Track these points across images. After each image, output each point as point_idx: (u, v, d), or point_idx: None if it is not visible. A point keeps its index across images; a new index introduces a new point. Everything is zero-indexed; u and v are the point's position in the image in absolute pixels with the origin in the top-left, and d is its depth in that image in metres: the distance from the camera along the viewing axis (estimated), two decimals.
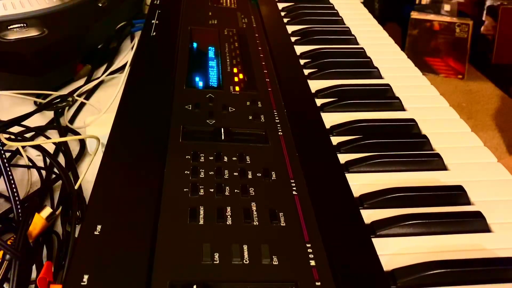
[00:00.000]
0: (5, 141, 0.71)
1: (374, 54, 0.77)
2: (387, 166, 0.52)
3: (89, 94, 0.90)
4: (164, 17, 0.81)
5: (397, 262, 0.40)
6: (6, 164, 0.56)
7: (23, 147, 0.73)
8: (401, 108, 0.63)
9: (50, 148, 0.74)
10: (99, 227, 0.39)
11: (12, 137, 0.76)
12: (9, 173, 0.56)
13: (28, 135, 0.78)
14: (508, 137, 1.64)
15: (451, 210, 0.46)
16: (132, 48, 1.00)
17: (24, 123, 0.81)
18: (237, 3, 0.92)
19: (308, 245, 0.40)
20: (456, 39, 1.91)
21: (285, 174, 0.48)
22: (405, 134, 0.59)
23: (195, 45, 0.73)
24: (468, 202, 0.48)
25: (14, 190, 0.55)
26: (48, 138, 0.78)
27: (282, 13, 0.94)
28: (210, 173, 0.47)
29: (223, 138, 0.52)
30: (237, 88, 0.62)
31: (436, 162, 0.53)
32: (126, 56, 1.02)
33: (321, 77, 0.70)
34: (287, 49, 0.78)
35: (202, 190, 0.44)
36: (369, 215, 0.45)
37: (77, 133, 0.79)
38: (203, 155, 0.49)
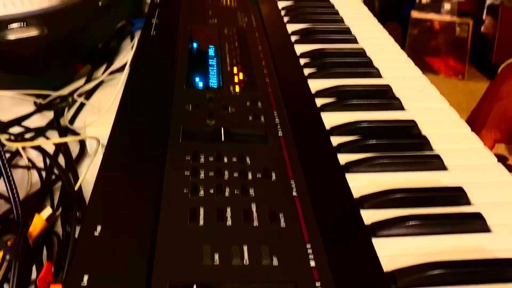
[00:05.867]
0: (5, 142, 0.71)
1: (374, 53, 0.77)
2: (387, 167, 0.52)
3: (89, 94, 0.90)
4: (164, 16, 0.81)
5: (397, 263, 0.40)
6: (6, 165, 0.56)
7: (23, 147, 0.73)
8: (401, 108, 0.63)
9: (50, 148, 0.74)
10: (99, 228, 0.39)
11: (12, 137, 0.76)
12: (9, 173, 0.56)
13: (28, 135, 0.78)
14: None
15: (451, 211, 0.46)
16: (132, 47, 1.00)
17: (24, 123, 0.81)
18: (237, 2, 0.92)
19: (308, 246, 0.40)
20: (456, 38, 1.90)
21: (285, 175, 0.48)
22: (405, 135, 0.58)
23: (195, 44, 0.73)
24: (468, 203, 0.48)
25: (14, 190, 0.55)
26: (48, 138, 0.78)
27: (282, 12, 0.94)
28: (210, 173, 0.47)
29: (223, 138, 0.52)
30: (237, 88, 0.62)
31: (436, 163, 0.53)
32: (126, 55, 1.02)
33: (321, 77, 0.70)
34: (287, 49, 0.78)
35: (202, 191, 0.44)
36: (369, 216, 0.45)
37: (77, 134, 0.79)
38: (203, 155, 0.49)
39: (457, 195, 0.48)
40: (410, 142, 0.56)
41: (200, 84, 0.63)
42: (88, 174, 0.67)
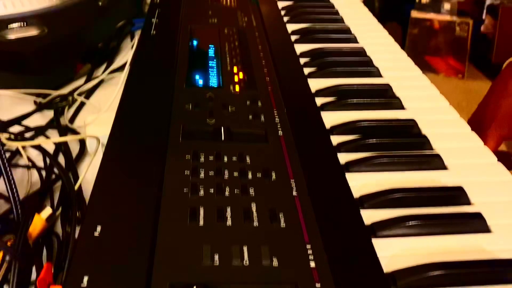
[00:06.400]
0: (5, 141, 0.71)
1: (374, 53, 0.77)
2: (387, 166, 0.52)
3: (89, 93, 0.90)
4: (164, 16, 0.80)
5: (398, 264, 0.40)
6: (6, 164, 0.56)
7: (23, 147, 0.73)
8: (401, 107, 0.63)
9: (50, 148, 0.74)
10: (99, 228, 0.39)
11: (12, 136, 0.76)
12: (9, 173, 0.56)
13: (28, 134, 0.78)
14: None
15: (451, 211, 0.46)
16: (132, 47, 1.00)
17: (24, 122, 0.81)
18: (237, 2, 0.92)
19: (308, 246, 0.40)
20: (456, 38, 1.90)
21: (285, 174, 0.48)
22: (405, 134, 0.58)
23: (195, 44, 0.73)
24: (468, 203, 0.48)
25: (14, 190, 0.55)
26: (48, 137, 0.78)
27: (282, 12, 0.94)
28: (210, 173, 0.46)
29: (223, 137, 0.52)
30: (237, 88, 0.62)
31: (436, 162, 0.53)
32: (126, 55, 1.02)
33: (321, 76, 0.70)
34: (287, 48, 0.77)
35: (202, 191, 0.44)
36: (369, 216, 0.45)
37: (77, 133, 0.79)
38: (203, 155, 0.49)
39: (457, 194, 0.48)
40: (410, 141, 0.56)
41: (200, 83, 0.63)
42: (88, 174, 0.67)
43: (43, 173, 0.69)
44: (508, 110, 0.74)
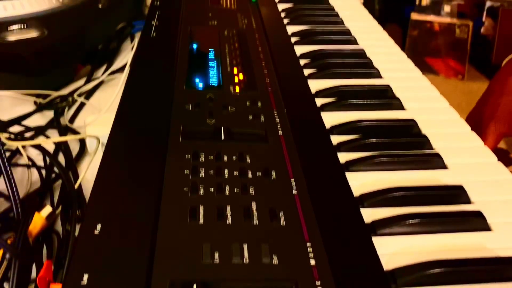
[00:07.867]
0: (5, 141, 0.71)
1: (374, 54, 0.77)
2: (387, 165, 0.52)
3: (89, 94, 0.91)
4: (164, 18, 0.81)
5: (398, 262, 0.40)
6: (6, 164, 0.56)
7: (23, 146, 0.73)
8: (401, 108, 0.63)
9: (50, 147, 0.74)
10: (99, 226, 0.39)
11: (12, 136, 0.76)
12: (9, 172, 0.56)
13: (28, 134, 0.78)
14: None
15: (451, 209, 0.46)
16: (132, 48, 1.00)
17: (24, 122, 0.81)
18: (237, 4, 0.92)
19: (308, 245, 0.40)
20: (456, 39, 1.90)
21: (285, 174, 0.48)
22: (405, 134, 0.58)
23: (195, 45, 0.74)
24: (468, 201, 0.48)
25: (14, 189, 0.55)
26: (48, 137, 0.78)
27: (282, 14, 0.94)
28: (210, 172, 0.47)
29: (223, 137, 0.52)
30: (237, 88, 0.62)
31: (436, 162, 0.53)
32: (126, 56, 1.02)
33: (321, 77, 0.70)
34: (287, 50, 0.78)
35: (202, 190, 0.44)
36: (370, 214, 0.45)
37: (77, 133, 0.79)
38: (203, 154, 0.49)
39: (457, 193, 0.48)
40: (410, 141, 0.56)
41: (200, 85, 0.63)
42: (88, 173, 0.67)
43: (43, 172, 0.69)
44: (507, 107, 0.74)
